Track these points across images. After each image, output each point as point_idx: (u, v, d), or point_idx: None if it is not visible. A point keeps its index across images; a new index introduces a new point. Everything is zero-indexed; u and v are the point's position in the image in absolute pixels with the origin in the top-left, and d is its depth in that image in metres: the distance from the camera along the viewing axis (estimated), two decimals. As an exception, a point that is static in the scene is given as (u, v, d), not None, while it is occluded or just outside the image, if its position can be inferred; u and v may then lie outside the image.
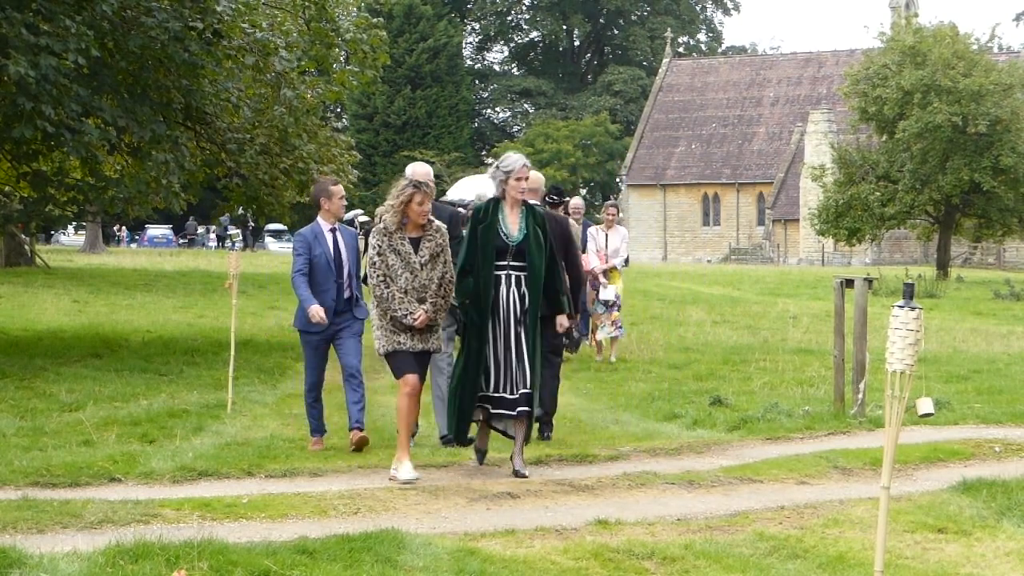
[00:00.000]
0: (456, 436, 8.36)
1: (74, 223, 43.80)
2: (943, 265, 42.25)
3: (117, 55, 13.72)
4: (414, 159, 68.39)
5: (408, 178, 8.31)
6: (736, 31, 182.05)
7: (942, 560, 6.46)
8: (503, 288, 8.21)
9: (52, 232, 58.86)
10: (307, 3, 16.19)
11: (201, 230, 68.34)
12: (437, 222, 8.25)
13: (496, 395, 8.19)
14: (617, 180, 76.85)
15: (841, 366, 10.97)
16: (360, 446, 9.01)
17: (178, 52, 13.36)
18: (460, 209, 10.27)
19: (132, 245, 66.51)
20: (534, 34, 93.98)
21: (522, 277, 8.23)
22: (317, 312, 8.83)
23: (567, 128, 76.75)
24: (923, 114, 39.90)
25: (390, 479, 7.90)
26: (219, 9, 14.00)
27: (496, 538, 6.62)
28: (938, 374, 13.98)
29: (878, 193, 41.48)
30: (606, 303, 14.95)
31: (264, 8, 16.20)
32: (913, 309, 5.34)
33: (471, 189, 32.72)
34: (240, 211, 20.59)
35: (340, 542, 6.16)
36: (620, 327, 15.26)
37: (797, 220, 66.53)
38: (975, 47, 42.17)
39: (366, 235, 21.27)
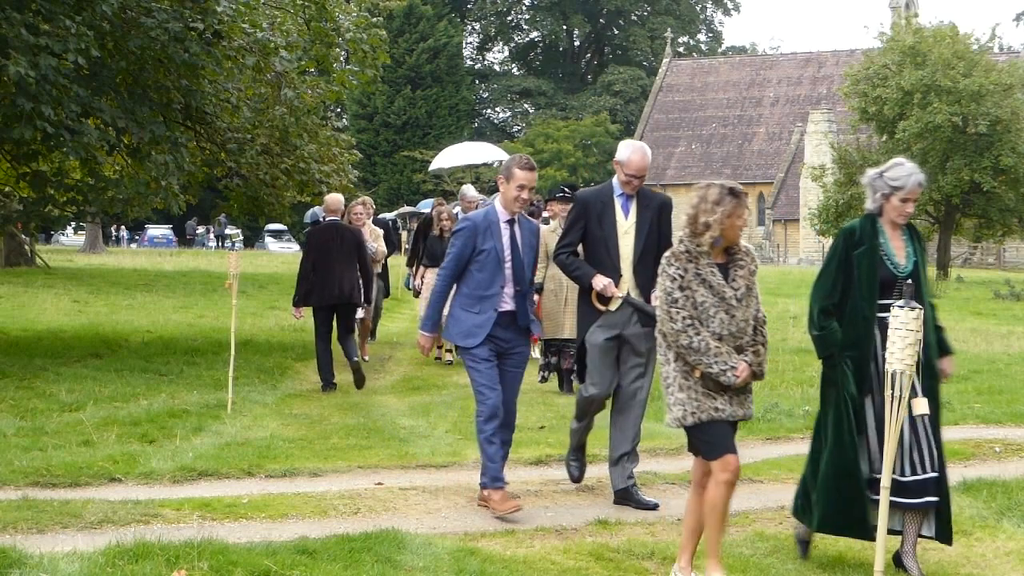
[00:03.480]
0: (860, 533, 6.21)
1: (74, 223, 43.77)
2: (943, 265, 42.21)
3: (117, 55, 13.71)
4: (414, 159, 67.30)
5: (719, 184, 6.08)
6: (736, 31, 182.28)
7: (942, 560, 6.47)
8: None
9: (52, 232, 58.80)
10: (307, 3, 16.18)
11: (200, 230, 68.22)
12: (743, 242, 6.15)
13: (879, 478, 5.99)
14: (617, 180, 76.78)
15: (841, 366, 10.94)
16: (504, 508, 7.11)
17: (178, 52, 13.35)
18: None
19: (132, 245, 66.46)
20: (534, 34, 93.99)
21: None
22: (424, 347, 7.70)
23: (567, 128, 76.68)
24: (923, 114, 39.86)
25: None
26: (219, 10, 14.00)
27: (496, 538, 6.62)
28: (938, 374, 13.95)
29: (878, 193, 41.42)
30: None
31: (264, 8, 16.18)
32: (913, 309, 5.35)
33: (454, 158, 32.43)
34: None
35: (340, 542, 6.17)
36: None
37: (797, 220, 66.45)
38: (975, 47, 42.11)
39: (387, 229, 20.54)
